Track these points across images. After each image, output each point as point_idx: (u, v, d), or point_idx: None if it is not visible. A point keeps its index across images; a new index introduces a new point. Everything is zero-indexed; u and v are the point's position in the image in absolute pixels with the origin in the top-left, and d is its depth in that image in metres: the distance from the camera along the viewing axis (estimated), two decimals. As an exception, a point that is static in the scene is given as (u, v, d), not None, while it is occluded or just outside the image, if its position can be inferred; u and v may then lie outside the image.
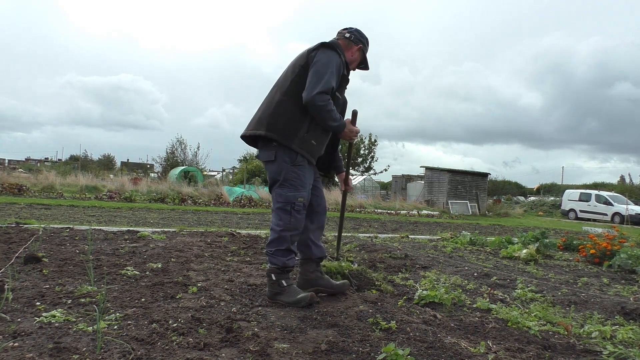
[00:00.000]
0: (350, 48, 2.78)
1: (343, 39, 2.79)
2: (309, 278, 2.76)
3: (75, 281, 2.72)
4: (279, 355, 1.80)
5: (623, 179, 46.00)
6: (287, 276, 2.61)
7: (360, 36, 2.82)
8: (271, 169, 2.61)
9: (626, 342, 2.25)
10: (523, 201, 33.55)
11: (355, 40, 2.79)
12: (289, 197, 2.55)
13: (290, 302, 2.52)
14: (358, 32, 2.83)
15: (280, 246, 2.56)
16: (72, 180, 16.90)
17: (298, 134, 2.54)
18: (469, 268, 4.29)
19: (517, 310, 2.73)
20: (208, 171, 35.37)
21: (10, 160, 59.79)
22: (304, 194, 2.59)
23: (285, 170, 2.55)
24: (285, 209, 2.55)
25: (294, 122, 2.55)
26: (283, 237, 2.55)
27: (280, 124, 2.54)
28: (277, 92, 2.62)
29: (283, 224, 2.55)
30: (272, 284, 2.58)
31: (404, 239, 6.91)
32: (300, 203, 2.56)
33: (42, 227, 4.94)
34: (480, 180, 23.15)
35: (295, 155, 2.56)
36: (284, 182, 2.57)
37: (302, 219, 2.62)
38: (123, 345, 1.76)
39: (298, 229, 2.60)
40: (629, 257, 4.72)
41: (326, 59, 2.55)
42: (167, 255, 3.79)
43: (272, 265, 2.58)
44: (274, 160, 2.57)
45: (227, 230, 6.10)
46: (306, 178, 2.62)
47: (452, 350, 1.97)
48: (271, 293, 2.59)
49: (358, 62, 2.86)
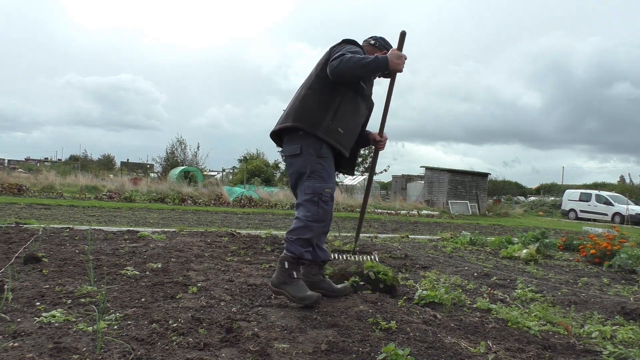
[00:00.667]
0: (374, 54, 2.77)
1: (368, 46, 2.83)
2: (311, 280, 2.74)
3: (75, 281, 2.72)
4: (279, 355, 1.80)
5: (623, 179, 46.00)
6: (299, 269, 2.59)
7: (385, 43, 2.86)
8: (296, 163, 2.63)
9: (626, 342, 2.25)
10: (523, 201, 33.55)
11: (380, 47, 2.83)
12: (317, 188, 2.54)
13: (294, 297, 2.47)
14: (383, 39, 2.88)
15: (303, 235, 2.54)
16: (72, 180, 16.90)
17: (323, 122, 2.57)
18: (469, 268, 4.29)
19: (517, 310, 2.73)
20: (208, 171, 35.37)
21: (10, 160, 59.79)
22: (331, 185, 2.60)
23: (311, 163, 2.57)
24: (313, 200, 2.54)
25: (319, 112, 2.59)
26: (308, 227, 2.53)
27: (307, 114, 2.60)
28: (302, 89, 2.70)
29: (311, 215, 2.54)
30: (282, 271, 2.54)
31: (404, 239, 6.91)
32: (328, 194, 2.56)
33: (42, 227, 4.94)
34: (480, 180, 23.15)
35: (320, 146, 2.57)
36: (311, 175, 2.57)
37: (330, 211, 2.61)
38: (123, 345, 1.76)
39: (325, 220, 2.58)
40: (629, 257, 4.72)
41: (346, 46, 2.62)
42: (167, 255, 3.79)
43: (288, 252, 2.56)
44: (300, 154, 2.59)
45: (227, 230, 6.11)
46: (331, 170, 2.64)
47: (452, 350, 1.97)
48: (278, 281, 2.53)
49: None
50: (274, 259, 4.01)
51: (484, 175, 23.87)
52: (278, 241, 5.13)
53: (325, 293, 2.75)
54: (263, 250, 4.45)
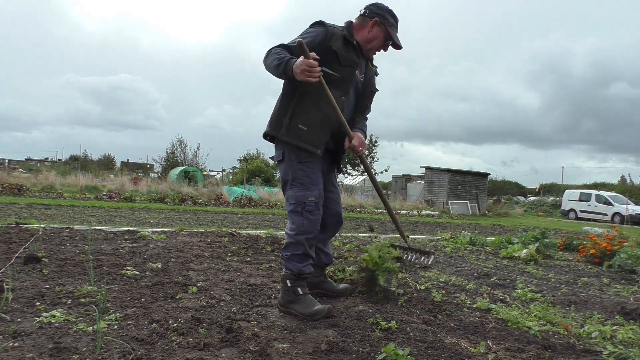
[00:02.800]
0: (364, 26, 2.49)
1: (358, 17, 2.51)
2: (312, 282, 2.70)
3: (75, 281, 2.72)
4: (279, 355, 1.80)
5: (623, 179, 46.03)
6: (303, 284, 2.43)
7: (377, 9, 2.48)
8: (280, 170, 2.51)
9: (626, 342, 2.25)
10: (523, 201, 33.56)
11: (370, 15, 2.46)
12: (299, 197, 2.39)
13: (304, 314, 2.31)
14: (375, 5, 2.50)
15: (296, 251, 2.40)
16: (72, 180, 16.90)
17: (282, 122, 2.41)
18: (469, 268, 4.28)
19: (517, 310, 2.73)
20: (208, 171, 35.39)
21: (10, 160, 59.79)
22: (315, 193, 2.40)
23: (293, 169, 2.41)
24: (297, 210, 2.39)
25: (279, 113, 2.45)
26: (298, 241, 2.39)
27: (272, 116, 2.49)
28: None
29: (296, 227, 2.39)
30: (286, 290, 2.39)
31: (404, 239, 6.90)
32: (312, 202, 2.38)
33: (42, 227, 4.93)
34: (480, 180, 23.15)
35: (299, 151, 2.40)
36: (293, 182, 2.42)
37: (317, 221, 2.43)
38: (123, 345, 1.76)
39: (312, 231, 2.42)
40: (629, 257, 4.72)
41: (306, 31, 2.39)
42: (167, 255, 3.79)
43: (287, 270, 2.43)
44: (282, 160, 2.46)
45: (227, 230, 6.10)
46: (316, 175, 2.44)
47: (452, 350, 1.97)
48: (284, 301, 2.39)
49: (382, 39, 2.51)
50: (274, 259, 4.01)
51: (484, 175, 23.87)
52: (278, 241, 5.13)
53: (326, 293, 2.75)
54: (263, 250, 4.45)
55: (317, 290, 2.72)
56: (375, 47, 2.54)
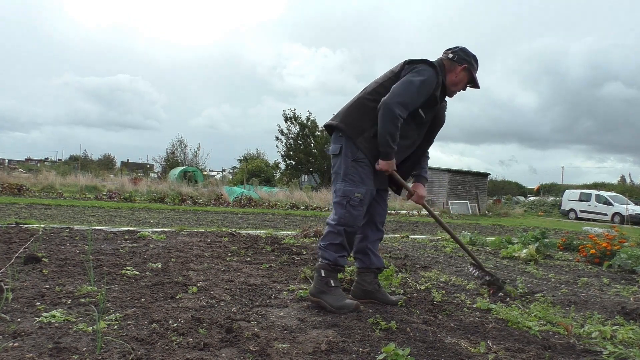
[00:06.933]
0: (453, 69, 2.66)
1: (447, 60, 2.68)
2: (366, 289, 2.69)
3: (75, 281, 2.72)
4: (279, 355, 1.80)
5: (623, 179, 46.10)
6: (336, 276, 2.52)
7: (465, 55, 2.68)
8: (335, 163, 2.62)
9: (626, 342, 2.25)
10: (523, 201, 33.55)
11: (459, 60, 2.66)
12: (346, 191, 2.50)
13: (334, 306, 2.41)
14: (462, 50, 2.69)
15: (334, 240, 2.50)
16: (72, 180, 16.91)
17: (364, 133, 2.53)
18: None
19: (517, 310, 2.73)
20: (208, 171, 35.41)
21: (10, 161, 59.82)
22: (362, 190, 2.51)
23: (346, 165, 2.53)
24: (342, 203, 2.50)
25: (364, 121, 2.55)
26: (337, 232, 2.49)
27: (352, 118, 2.58)
28: (361, 92, 2.67)
29: (338, 218, 2.50)
30: (319, 280, 2.49)
31: (404, 239, 6.91)
32: (357, 198, 2.49)
33: (42, 227, 4.94)
34: (480, 180, 23.17)
35: (357, 150, 2.53)
36: (344, 177, 2.53)
37: (359, 216, 2.53)
38: (123, 345, 1.76)
39: (353, 225, 2.51)
40: (629, 257, 4.72)
41: (422, 76, 2.49)
42: (167, 255, 3.79)
43: (323, 260, 2.52)
44: (338, 154, 2.57)
45: (227, 230, 6.11)
46: (367, 176, 2.54)
47: (452, 350, 1.97)
48: (316, 290, 2.48)
49: (466, 83, 2.72)
50: (274, 259, 4.01)
51: (484, 175, 23.88)
52: (278, 241, 5.14)
53: (379, 304, 2.68)
54: (263, 250, 4.45)
55: (370, 300, 2.68)
56: (459, 89, 2.75)
